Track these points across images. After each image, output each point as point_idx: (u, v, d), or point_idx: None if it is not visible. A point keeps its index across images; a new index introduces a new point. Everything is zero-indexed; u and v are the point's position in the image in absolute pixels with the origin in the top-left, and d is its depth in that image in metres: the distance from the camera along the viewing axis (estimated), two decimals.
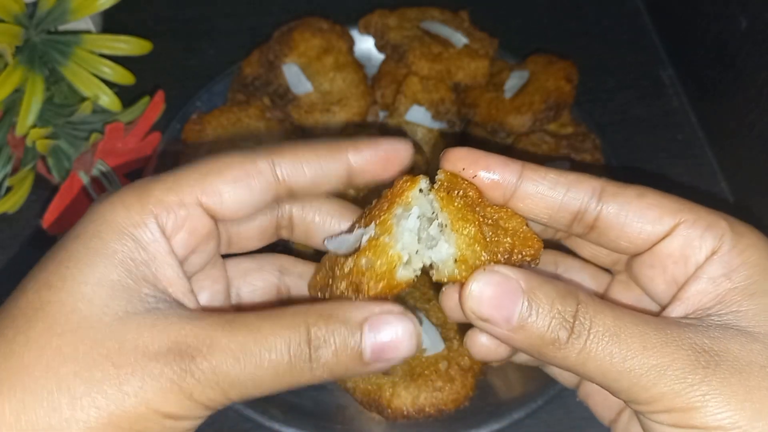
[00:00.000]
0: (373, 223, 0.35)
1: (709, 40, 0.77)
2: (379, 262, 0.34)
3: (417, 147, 0.64)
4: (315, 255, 0.43)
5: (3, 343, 0.30)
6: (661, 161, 0.78)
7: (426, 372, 0.53)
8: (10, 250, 0.71)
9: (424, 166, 0.61)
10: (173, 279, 0.34)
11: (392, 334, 0.32)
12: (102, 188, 0.68)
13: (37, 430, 0.29)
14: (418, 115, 0.69)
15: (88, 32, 0.70)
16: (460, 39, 0.71)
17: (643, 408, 0.33)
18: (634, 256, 0.38)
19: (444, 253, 0.34)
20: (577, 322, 0.32)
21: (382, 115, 0.73)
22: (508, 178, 0.35)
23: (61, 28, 0.69)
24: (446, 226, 0.35)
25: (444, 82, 0.70)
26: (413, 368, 0.53)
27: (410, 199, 0.35)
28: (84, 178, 0.66)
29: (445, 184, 0.35)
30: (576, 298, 0.33)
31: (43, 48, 0.66)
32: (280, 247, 0.44)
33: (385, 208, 0.35)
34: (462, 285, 0.34)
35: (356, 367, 0.32)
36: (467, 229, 0.35)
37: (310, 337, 0.32)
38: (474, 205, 0.36)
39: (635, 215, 0.36)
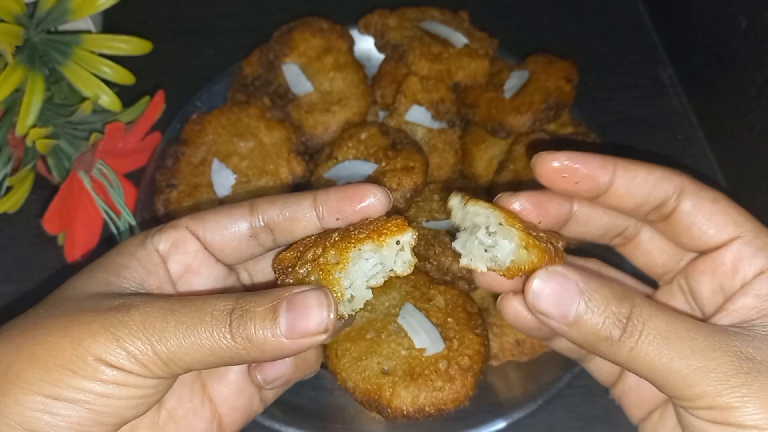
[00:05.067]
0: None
1: (709, 40, 0.77)
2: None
3: (417, 147, 0.64)
4: None
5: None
6: (661, 161, 0.78)
7: (426, 372, 0.53)
8: (10, 250, 0.71)
9: (424, 166, 0.61)
10: (159, 284, 0.40)
11: (303, 301, 0.35)
12: (102, 188, 0.68)
13: None
14: (418, 115, 0.69)
15: (88, 32, 0.70)
16: (460, 39, 0.71)
17: (686, 404, 0.35)
18: (691, 261, 0.42)
19: (506, 248, 0.36)
20: (630, 323, 0.35)
21: (382, 115, 0.73)
22: (602, 176, 0.38)
23: (61, 28, 0.69)
24: (501, 224, 0.36)
25: (444, 82, 0.70)
26: (413, 368, 0.53)
27: (383, 245, 0.37)
28: (84, 178, 0.66)
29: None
30: (631, 300, 0.35)
31: (43, 48, 0.66)
32: None
33: (361, 236, 0.37)
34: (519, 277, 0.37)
35: (273, 336, 0.34)
36: (519, 226, 0.37)
37: (234, 306, 0.35)
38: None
39: (705, 217, 0.39)
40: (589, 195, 0.39)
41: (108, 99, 0.68)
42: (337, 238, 0.38)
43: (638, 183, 0.39)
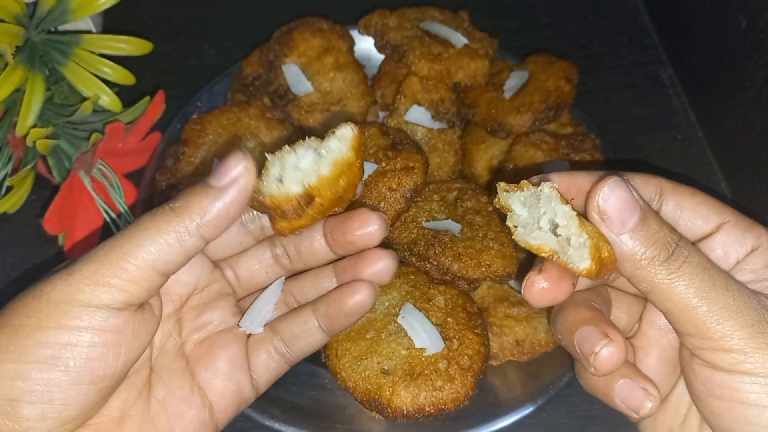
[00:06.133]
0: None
1: (709, 40, 0.77)
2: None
3: (417, 147, 0.64)
4: None
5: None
6: (661, 161, 0.78)
7: (426, 371, 0.53)
8: (10, 250, 0.71)
9: (424, 166, 0.61)
10: None
11: (224, 164, 0.39)
12: (102, 188, 0.68)
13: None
14: (418, 115, 0.69)
15: (88, 32, 0.70)
16: (460, 39, 0.71)
17: (706, 343, 0.37)
18: None
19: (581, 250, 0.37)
20: (677, 249, 0.37)
21: (382, 115, 0.73)
22: (586, 186, 0.40)
23: (61, 28, 0.69)
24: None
25: (444, 82, 0.70)
26: (413, 368, 0.53)
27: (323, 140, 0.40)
28: (84, 178, 0.66)
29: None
30: (678, 233, 0.38)
31: (43, 48, 0.66)
32: None
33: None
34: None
35: (209, 197, 0.38)
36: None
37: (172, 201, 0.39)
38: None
39: (689, 211, 0.41)
40: (580, 210, 0.40)
41: (108, 99, 0.68)
42: None
43: None
